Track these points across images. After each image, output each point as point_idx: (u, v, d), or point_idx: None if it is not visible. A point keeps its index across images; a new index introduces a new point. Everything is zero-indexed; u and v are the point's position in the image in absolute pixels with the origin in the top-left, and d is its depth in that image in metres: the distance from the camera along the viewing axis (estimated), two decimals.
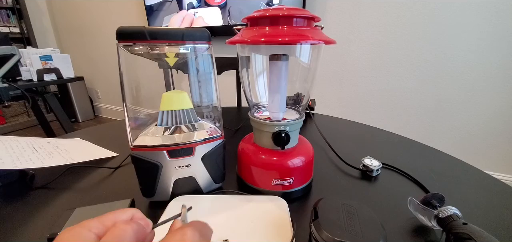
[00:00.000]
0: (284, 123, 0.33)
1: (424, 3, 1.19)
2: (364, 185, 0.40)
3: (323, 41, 0.27)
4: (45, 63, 1.69)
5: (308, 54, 0.36)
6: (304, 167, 0.35)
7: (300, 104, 0.40)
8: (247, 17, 0.30)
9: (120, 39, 0.28)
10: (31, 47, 1.89)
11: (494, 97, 1.19)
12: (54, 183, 0.40)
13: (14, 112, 2.36)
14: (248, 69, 0.39)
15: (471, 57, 1.18)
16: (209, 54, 0.33)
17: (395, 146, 0.55)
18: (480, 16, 1.11)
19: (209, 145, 0.34)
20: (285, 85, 0.35)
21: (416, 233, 0.30)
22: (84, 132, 0.64)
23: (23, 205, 0.35)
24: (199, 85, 0.36)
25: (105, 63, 2.61)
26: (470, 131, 1.29)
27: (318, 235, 0.23)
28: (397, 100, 1.40)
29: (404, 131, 1.02)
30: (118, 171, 0.44)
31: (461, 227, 0.25)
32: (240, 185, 0.39)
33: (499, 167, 1.28)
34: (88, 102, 2.73)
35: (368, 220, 0.24)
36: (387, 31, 1.31)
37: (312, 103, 0.74)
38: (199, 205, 0.32)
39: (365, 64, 1.41)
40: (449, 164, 0.47)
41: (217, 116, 0.36)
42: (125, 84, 0.30)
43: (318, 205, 0.26)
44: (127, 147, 0.31)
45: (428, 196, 0.31)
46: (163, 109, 0.33)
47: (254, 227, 0.28)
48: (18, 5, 2.44)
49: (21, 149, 0.42)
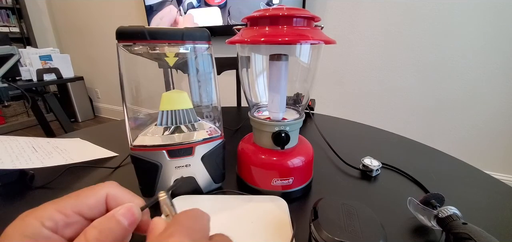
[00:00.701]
0: (284, 123, 0.33)
1: (424, 3, 1.19)
2: (364, 185, 0.40)
3: (323, 41, 0.27)
4: (44, 63, 1.69)
5: (308, 54, 0.36)
6: (304, 167, 0.35)
7: (300, 104, 0.40)
8: (247, 17, 0.30)
9: (120, 39, 0.28)
10: (31, 47, 1.89)
11: (494, 97, 1.19)
12: (54, 183, 0.40)
13: (13, 112, 2.36)
14: (248, 69, 0.39)
15: (471, 57, 1.18)
16: (209, 54, 0.33)
17: (395, 146, 0.55)
18: (480, 16, 1.11)
19: (209, 145, 0.34)
20: (285, 85, 0.35)
21: (415, 233, 0.30)
22: (83, 131, 0.64)
23: (23, 205, 0.35)
24: (199, 85, 0.35)
25: (105, 63, 2.61)
26: (470, 131, 1.29)
27: (318, 235, 0.23)
28: (397, 100, 1.40)
29: (404, 131, 1.02)
30: (117, 171, 0.44)
31: (460, 227, 0.24)
32: (240, 185, 0.39)
33: (499, 167, 1.29)
34: (88, 102, 2.73)
35: (368, 220, 0.24)
36: (387, 31, 1.31)
37: (312, 103, 0.74)
38: (199, 205, 0.32)
39: (365, 64, 1.41)
40: (449, 164, 0.47)
41: (217, 116, 0.36)
42: (125, 84, 0.30)
43: (318, 205, 0.26)
44: (126, 147, 0.31)
45: (427, 196, 0.31)
46: (163, 109, 0.33)
47: (254, 227, 0.28)
48: (18, 5, 2.44)
49: (21, 149, 0.42)
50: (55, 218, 0.14)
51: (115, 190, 0.16)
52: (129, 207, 0.15)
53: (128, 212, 0.15)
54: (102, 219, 0.14)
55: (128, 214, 0.15)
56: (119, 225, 0.14)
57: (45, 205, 0.14)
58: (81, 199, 0.15)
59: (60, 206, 0.14)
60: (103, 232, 0.13)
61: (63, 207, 0.14)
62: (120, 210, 0.15)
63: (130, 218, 0.15)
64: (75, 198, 0.15)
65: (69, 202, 0.14)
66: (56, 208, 0.14)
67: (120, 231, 0.14)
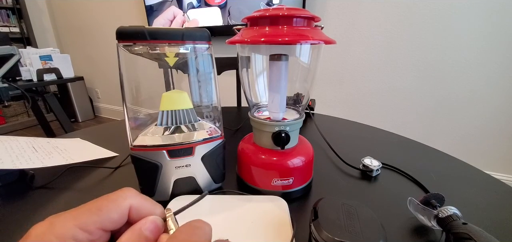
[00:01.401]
0: (284, 123, 0.33)
1: (424, 3, 1.19)
2: (364, 185, 0.40)
3: (323, 41, 0.27)
4: (45, 63, 1.69)
5: (308, 54, 0.36)
6: (304, 167, 0.35)
7: (300, 104, 0.40)
8: (247, 17, 0.30)
9: (120, 39, 0.28)
10: (31, 47, 1.89)
11: (494, 97, 1.19)
12: (54, 183, 0.40)
13: (14, 112, 2.36)
14: (248, 69, 0.39)
15: (471, 57, 1.18)
16: (209, 54, 0.33)
17: (395, 146, 0.55)
18: (480, 16, 1.11)
19: (209, 145, 0.34)
20: (285, 85, 0.35)
21: (416, 233, 0.30)
22: (84, 131, 0.64)
23: (23, 205, 0.35)
24: (199, 85, 0.35)
25: (105, 63, 2.61)
26: (470, 130, 1.29)
27: (318, 235, 0.23)
28: (397, 100, 1.40)
29: (404, 131, 1.02)
30: (118, 171, 0.44)
31: (461, 227, 0.24)
32: (240, 185, 0.39)
33: (499, 167, 1.29)
34: (88, 102, 2.73)
35: (368, 220, 0.24)
36: (387, 31, 1.31)
37: (312, 103, 0.74)
38: (199, 205, 0.32)
39: (365, 64, 1.41)
40: (449, 164, 0.47)
41: (217, 116, 0.36)
42: (125, 84, 0.30)
43: (318, 205, 0.26)
44: (127, 147, 0.31)
45: (427, 196, 0.31)
46: (163, 109, 0.33)
47: (254, 227, 0.28)
48: (18, 5, 2.44)
49: (21, 149, 0.42)
50: (78, 237, 0.13)
51: (137, 201, 0.15)
52: (154, 221, 0.15)
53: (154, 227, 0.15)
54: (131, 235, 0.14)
55: (155, 229, 0.15)
56: (147, 240, 0.14)
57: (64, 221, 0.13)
58: (104, 214, 0.14)
59: (82, 223, 0.13)
60: None
61: (85, 224, 0.13)
62: (146, 224, 0.15)
63: (156, 233, 0.15)
64: (97, 213, 0.14)
65: (91, 218, 0.13)
66: (78, 225, 0.13)
67: None
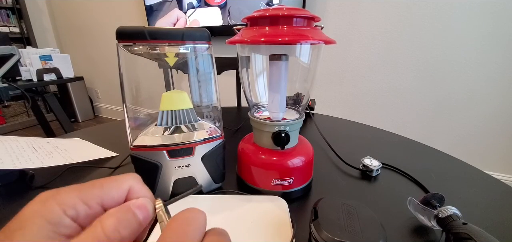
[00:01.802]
0: (284, 123, 0.33)
1: (424, 3, 1.19)
2: (364, 185, 0.40)
3: (323, 41, 0.27)
4: (45, 63, 1.68)
5: (308, 54, 0.36)
6: (304, 167, 0.35)
7: (300, 104, 0.40)
8: (247, 17, 0.30)
9: (120, 39, 0.28)
10: (31, 47, 1.89)
11: (494, 97, 1.19)
12: (54, 183, 0.40)
13: (14, 112, 2.36)
14: (248, 69, 0.39)
15: (471, 57, 1.18)
16: (209, 54, 0.33)
17: (395, 146, 0.55)
18: (480, 16, 1.11)
19: (209, 145, 0.34)
20: (285, 85, 0.35)
21: (415, 233, 0.30)
22: (84, 131, 0.64)
23: (23, 205, 0.35)
24: (199, 85, 0.36)
25: (105, 63, 2.60)
26: (470, 130, 1.29)
27: (318, 235, 0.23)
28: (397, 100, 1.40)
29: (404, 131, 1.02)
30: (118, 171, 0.44)
31: (460, 227, 0.25)
32: (240, 185, 0.39)
33: (499, 167, 1.29)
34: (88, 102, 2.73)
35: (367, 220, 0.24)
36: (387, 31, 1.31)
37: (312, 103, 0.74)
38: (199, 205, 0.32)
39: (365, 64, 1.41)
40: (449, 164, 0.47)
41: (217, 116, 0.36)
42: (125, 84, 0.30)
43: (318, 205, 0.26)
44: (127, 147, 0.31)
45: (427, 196, 0.31)
46: (163, 109, 0.33)
47: (254, 227, 0.28)
48: (18, 5, 2.43)
49: (21, 149, 0.42)
50: (78, 208, 0.13)
51: (138, 185, 0.15)
52: (144, 202, 0.15)
53: (143, 206, 0.14)
54: (119, 208, 0.14)
55: (143, 209, 0.14)
56: (135, 218, 0.14)
57: (69, 191, 0.13)
58: (105, 190, 0.14)
59: (84, 196, 0.13)
60: (121, 223, 0.13)
61: (87, 198, 0.13)
62: (136, 202, 0.14)
63: (144, 213, 0.14)
64: (99, 188, 0.14)
65: (93, 192, 0.13)
66: (80, 197, 0.13)
67: (136, 224, 0.14)
